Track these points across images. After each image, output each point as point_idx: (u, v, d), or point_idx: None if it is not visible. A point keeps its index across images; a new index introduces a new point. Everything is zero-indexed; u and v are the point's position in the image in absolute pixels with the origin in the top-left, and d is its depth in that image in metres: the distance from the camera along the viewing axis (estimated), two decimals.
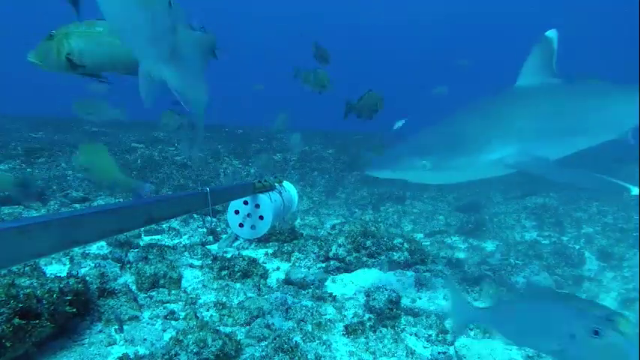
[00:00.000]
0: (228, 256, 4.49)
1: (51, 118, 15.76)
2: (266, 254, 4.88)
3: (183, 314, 3.32)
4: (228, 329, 3.10)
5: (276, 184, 2.86)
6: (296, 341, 2.90)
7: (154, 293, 3.63)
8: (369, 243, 4.67)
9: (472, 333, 3.34)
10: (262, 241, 5.25)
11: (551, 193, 9.22)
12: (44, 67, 3.01)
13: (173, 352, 2.62)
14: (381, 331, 3.10)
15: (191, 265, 4.40)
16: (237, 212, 2.56)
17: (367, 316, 3.45)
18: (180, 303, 3.53)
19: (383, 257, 4.59)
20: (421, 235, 6.32)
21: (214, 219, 6.11)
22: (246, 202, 2.54)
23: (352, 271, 4.43)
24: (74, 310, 2.89)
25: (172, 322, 3.22)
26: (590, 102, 4.21)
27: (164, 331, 3.09)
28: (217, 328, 2.99)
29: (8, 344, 2.35)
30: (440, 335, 3.23)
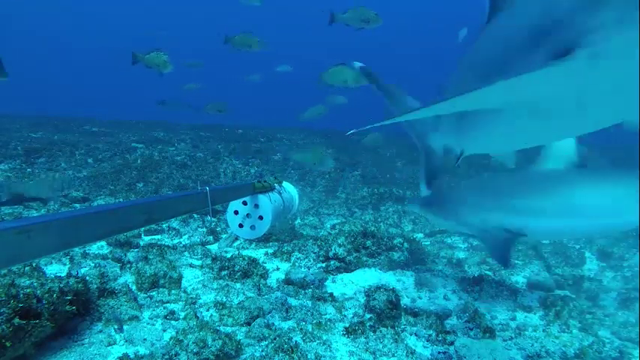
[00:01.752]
0: (228, 255, 4.49)
1: (51, 118, 15.76)
2: (266, 254, 4.88)
3: (183, 314, 3.32)
4: (228, 329, 3.10)
5: (276, 185, 2.87)
6: (296, 341, 2.90)
7: (154, 293, 3.63)
8: (369, 243, 4.67)
9: (472, 333, 3.34)
10: (262, 241, 5.25)
11: None
12: None
13: (173, 352, 2.62)
14: (381, 331, 3.10)
15: (191, 265, 4.40)
16: (236, 212, 2.56)
17: (367, 315, 3.45)
18: (180, 303, 3.53)
19: (383, 257, 4.59)
20: (421, 235, 6.32)
21: (214, 219, 6.11)
22: (245, 203, 2.54)
23: (352, 270, 4.43)
24: (74, 309, 2.89)
25: (172, 322, 3.22)
26: None
27: (164, 331, 3.09)
28: (217, 328, 2.99)
29: (8, 344, 2.35)
30: (440, 335, 3.23)
